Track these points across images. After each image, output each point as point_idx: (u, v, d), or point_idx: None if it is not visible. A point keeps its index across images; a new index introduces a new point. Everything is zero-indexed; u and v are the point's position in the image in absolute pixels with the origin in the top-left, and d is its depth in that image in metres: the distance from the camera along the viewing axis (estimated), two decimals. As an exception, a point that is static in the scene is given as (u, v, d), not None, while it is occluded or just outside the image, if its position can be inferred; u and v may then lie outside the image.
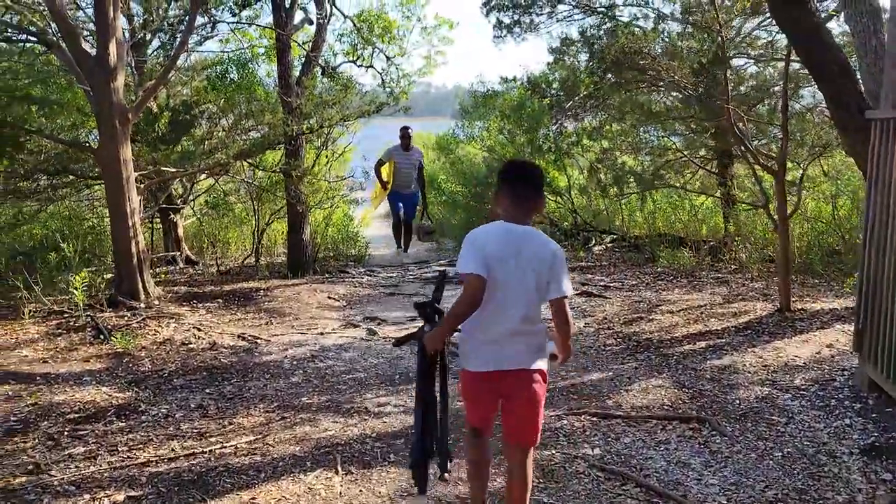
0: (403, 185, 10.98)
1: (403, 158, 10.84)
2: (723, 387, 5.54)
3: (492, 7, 13.71)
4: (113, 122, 8.36)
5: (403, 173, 10.89)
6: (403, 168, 10.87)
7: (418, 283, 10.68)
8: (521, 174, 3.38)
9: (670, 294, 9.10)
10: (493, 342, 3.26)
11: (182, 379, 6.10)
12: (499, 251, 3.18)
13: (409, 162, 10.89)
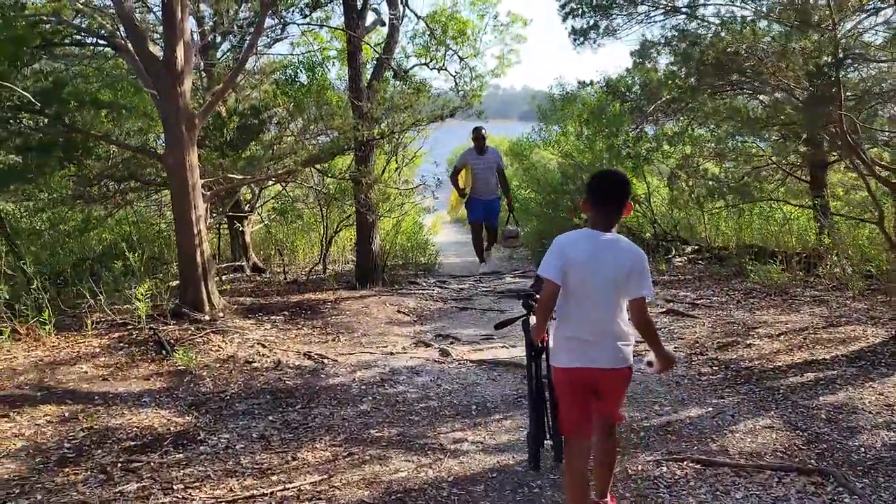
0: (482, 191, 10.30)
1: (479, 162, 10.19)
2: (842, 430, 4.90)
3: (569, 11, 13.17)
4: (179, 128, 8.09)
5: (481, 178, 10.22)
6: (480, 172, 10.21)
7: (492, 297, 10.19)
8: (606, 185, 3.55)
9: (764, 314, 8.41)
10: (577, 340, 3.49)
11: (244, 403, 5.72)
12: (581, 257, 3.43)
13: (485, 165, 10.20)
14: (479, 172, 10.23)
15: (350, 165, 10.73)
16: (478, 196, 10.34)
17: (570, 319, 3.51)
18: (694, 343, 7.28)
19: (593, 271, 3.41)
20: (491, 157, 10.31)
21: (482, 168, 10.23)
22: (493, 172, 10.29)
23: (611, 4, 12.77)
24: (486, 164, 10.24)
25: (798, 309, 8.61)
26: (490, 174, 10.27)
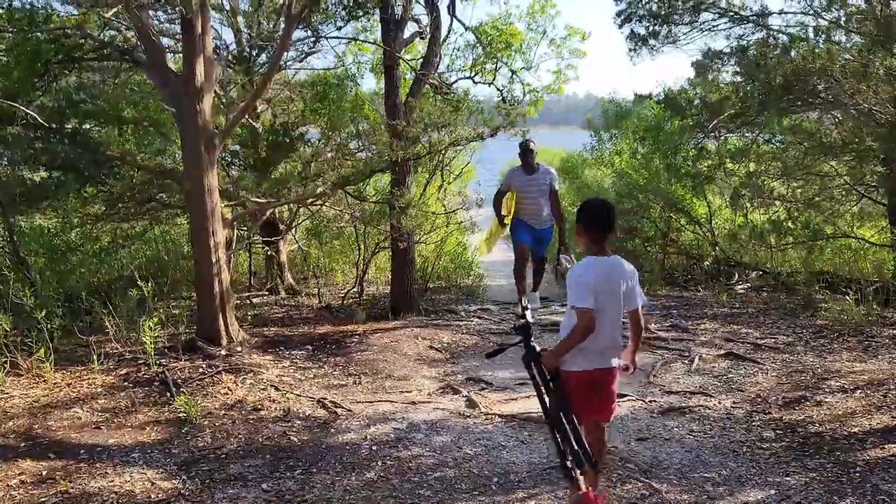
0: (531, 217, 9.15)
1: (527, 182, 9.00)
2: (935, 529, 4.07)
3: (626, 17, 12.39)
4: (198, 148, 7.57)
5: (528, 202, 9.04)
6: (529, 195, 9.02)
7: (536, 329, 9.40)
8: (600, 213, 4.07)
9: (837, 359, 7.51)
10: (594, 351, 4.03)
11: (240, 464, 5.11)
12: (599, 281, 3.93)
13: (535, 187, 8.98)
14: (528, 195, 9.05)
15: (386, 187, 10.11)
16: (526, 220, 9.24)
17: None
18: (756, 398, 6.44)
19: (610, 291, 3.98)
20: (543, 177, 9.04)
21: (531, 190, 9.03)
22: (545, 196, 9.07)
23: (671, 12, 11.95)
24: (537, 186, 9.03)
25: (876, 353, 7.70)
26: (542, 198, 9.07)
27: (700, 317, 9.94)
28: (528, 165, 9.04)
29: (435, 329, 9.10)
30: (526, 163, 9.04)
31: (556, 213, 9.29)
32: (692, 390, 6.73)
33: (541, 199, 9.11)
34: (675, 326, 9.34)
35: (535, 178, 9.04)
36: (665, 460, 5.07)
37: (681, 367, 7.53)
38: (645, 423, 5.86)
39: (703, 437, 5.58)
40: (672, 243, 13.96)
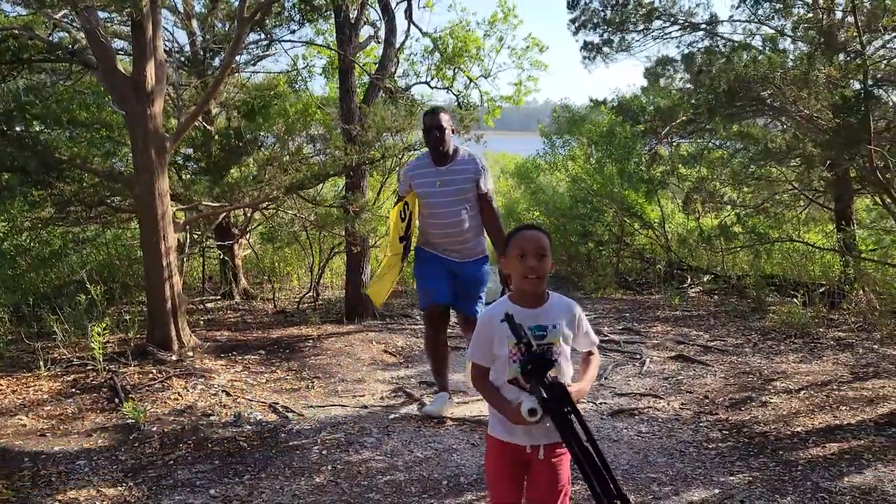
0: (447, 245, 5.75)
1: (437, 181, 5.66)
2: (871, 525, 4.17)
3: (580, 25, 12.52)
4: (148, 152, 7.49)
5: (440, 216, 5.66)
6: (440, 204, 5.65)
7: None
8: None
9: (783, 361, 7.68)
10: None
11: (189, 470, 5.06)
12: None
13: (450, 188, 5.62)
14: (439, 205, 5.63)
15: (340, 192, 10.10)
16: (436, 250, 5.79)
17: None
18: (703, 399, 6.55)
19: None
20: (463, 171, 5.65)
21: (445, 196, 5.62)
22: (469, 204, 5.65)
23: (625, 19, 12.10)
24: (455, 187, 5.61)
25: (821, 355, 7.88)
26: (463, 207, 5.63)
27: (652, 319, 10.08)
28: (437, 151, 5.66)
29: (389, 333, 9.11)
30: (435, 147, 5.64)
31: (494, 230, 5.79)
32: (642, 392, 6.82)
33: (462, 209, 5.62)
34: (627, 329, 9.47)
35: (449, 172, 5.63)
36: (613, 461, 5.13)
37: (632, 369, 7.63)
38: (595, 425, 5.92)
39: (651, 438, 5.65)
40: (626, 247, 14.13)
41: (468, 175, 5.68)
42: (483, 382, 3.04)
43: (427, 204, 5.73)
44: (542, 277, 2.98)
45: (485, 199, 5.76)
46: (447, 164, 5.70)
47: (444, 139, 5.65)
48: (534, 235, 3.04)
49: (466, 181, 5.66)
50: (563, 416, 2.62)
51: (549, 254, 3.01)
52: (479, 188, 5.70)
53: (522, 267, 2.96)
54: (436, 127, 5.65)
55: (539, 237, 3.02)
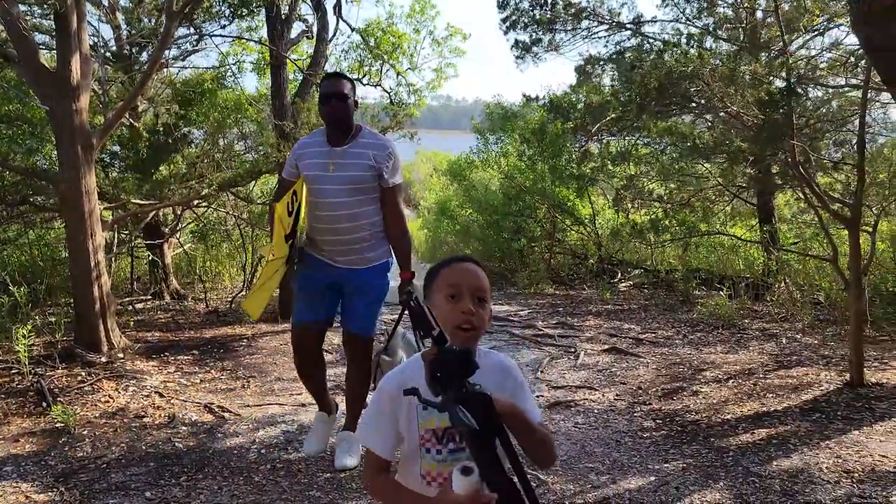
0: (333, 244, 4.57)
1: (328, 164, 4.46)
2: (799, 506, 4.33)
3: (511, 25, 12.62)
4: (74, 148, 7.28)
5: (328, 207, 4.48)
6: (329, 192, 4.46)
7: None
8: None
9: (712, 352, 7.90)
10: None
11: (122, 473, 4.95)
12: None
13: (345, 174, 4.44)
14: (328, 193, 4.45)
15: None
16: (321, 254, 4.63)
17: None
18: (637, 389, 6.70)
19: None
20: (362, 157, 4.43)
21: (336, 183, 4.43)
22: (366, 197, 4.49)
23: (553, 19, 12.25)
24: (352, 173, 4.43)
25: (747, 345, 8.13)
26: (358, 200, 4.46)
27: (585, 314, 10.25)
28: (334, 127, 4.51)
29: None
30: (332, 121, 4.49)
31: (395, 238, 4.62)
32: (577, 384, 6.93)
33: (357, 203, 4.45)
34: (561, 324, 9.60)
35: (346, 155, 4.43)
36: (551, 452, 5.20)
37: (567, 362, 7.75)
38: (532, 418, 5.99)
39: (587, 429, 5.75)
40: (558, 243, 14.33)
41: (369, 161, 4.38)
42: (384, 484, 2.10)
43: (314, 192, 4.47)
44: (479, 329, 2.12)
45: (389, 195, 4.51)
46: (345, 145, 4.43)
47: (345, 112, 4.43)
48: (470, 270, 2.18)
49: (366, 169, 4.38)
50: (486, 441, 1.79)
51: (490, 297, 2.21)
52: (381, 179, 4.43)
53: (454, 313, 2.09)
54: (335, 94, 4.40)
55: (478, 273, 2.19)
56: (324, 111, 4.50)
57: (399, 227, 4.60)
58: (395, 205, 4.60)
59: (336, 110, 4.44)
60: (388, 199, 4.56)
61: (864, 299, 6.34)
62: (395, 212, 4.60)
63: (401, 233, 4.60)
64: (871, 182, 7.94)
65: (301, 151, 4.61)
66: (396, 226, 4.60)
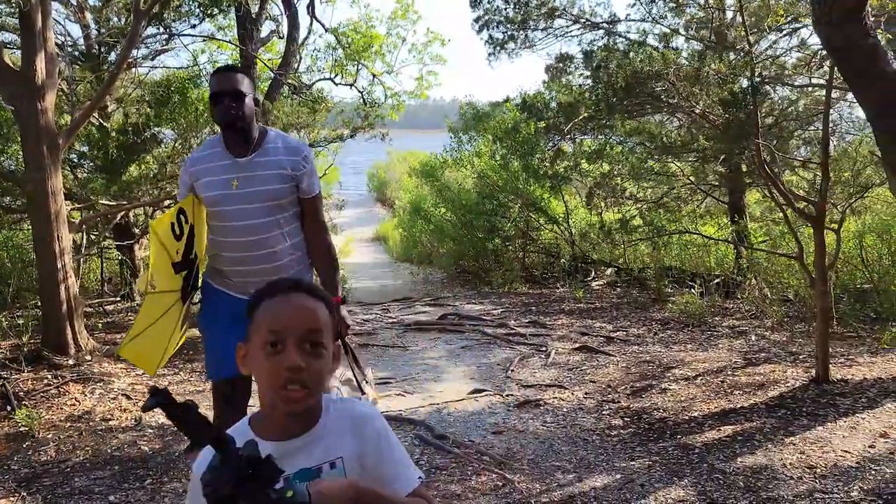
0: (247, 273, 3.67)
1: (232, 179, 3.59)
2: (761, 502, 4.36)
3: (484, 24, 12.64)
4: (40, 149, 7.22)
5: (238, 230, 3.61)
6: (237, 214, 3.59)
7: (397, 331, 9.47)
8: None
9: (682, 350, 7.95)
10: None
11: (86, 477, 4.91)
12: None
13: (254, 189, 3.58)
14: (236, 215, 3.60)
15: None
16: (230, 287, 3.74)
17: None
18: (606, 387, 6.73)
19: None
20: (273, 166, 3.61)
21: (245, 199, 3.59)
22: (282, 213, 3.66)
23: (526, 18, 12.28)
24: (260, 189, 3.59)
25: (716, 343, 8.19)
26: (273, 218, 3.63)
27: (557, 312, 10.28)
28: (233, 132, 3.63)
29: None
30: (229, 125, 3.59)
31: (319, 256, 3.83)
32: (548, 383, 6.95)
33: (273, 222, 3.66)
34: (533, 322, 9.63)
35: (253, 166, 3.62)
36: (519, 451, 5.22)
37: (538, 361, 7.77)
38: (501, 417, 6.01)
39: (556, 427, 5.77)
40: (532, 242, 14.37)
41: (282, 171, 3.57)
42: None
43: (218, 216, 3.59)
44: (314, 388, 1.60)
45: (309, 207, 3.72)
46: (249, 155, 3.57)
47: (243, 113, 3.52)
48: (298, 306, 1.64)
49: (280, 180, 3.56)
50: None
51: (331, 335, 1.66)
52: (300, 190, 3.65)
53: (273, 365, 1.57)
54: (229, 93, 3.48)
55: (307, 308, 1.65)
56: (217, 114, 3.57)
57: (323, 244, 3.79)
58: (318, 218, 3.80)
59: (233, 115, 3.50)
60: (310, 212, 3.74)
61: (829, 296, 6.41)
62: (318, 226, 3.80)
63: (325, 250, 3.78)
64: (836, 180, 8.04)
65: (195, 168, 3.63)
66: (320, 242, 3.78)
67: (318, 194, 3.78)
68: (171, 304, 3.68)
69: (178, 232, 3.59)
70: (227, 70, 3.75)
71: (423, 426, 5.70)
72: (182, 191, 3.71)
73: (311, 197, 3.72)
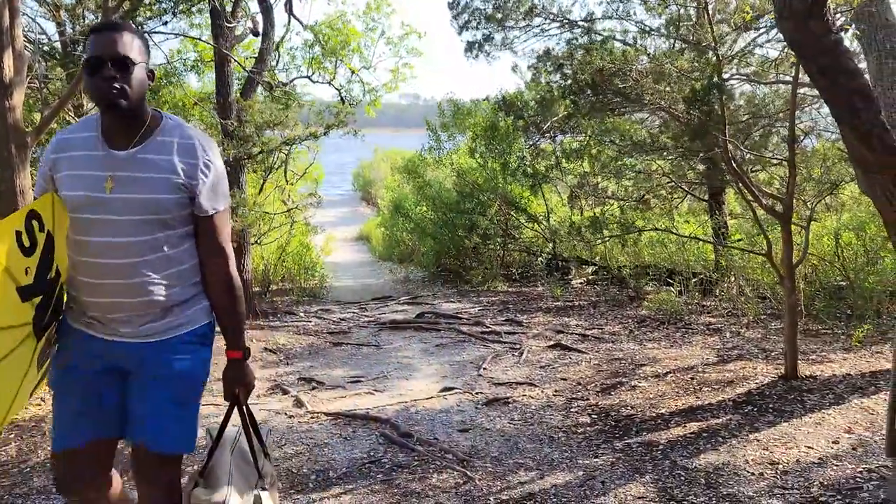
0: (109, 305, 2.62)
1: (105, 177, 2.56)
2: (721, 498, 4.35)
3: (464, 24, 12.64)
4: (8, 147, 7.13)
5: (104, 249, 2.57)
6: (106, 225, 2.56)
7: (371, 329, 9.43)
8: None
9: (656, 347, 7.96)
10: None
11: (45, 477, 4.86)
12: None
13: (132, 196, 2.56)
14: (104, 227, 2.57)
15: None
16: (94, 324, 2.68)
17: None
18: (576, 385, 6.73)
19: None
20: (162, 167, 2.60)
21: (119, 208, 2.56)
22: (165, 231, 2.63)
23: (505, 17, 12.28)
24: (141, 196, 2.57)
25: (691, 340, 8.20)
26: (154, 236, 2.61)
27: (534, 310, 10.28)
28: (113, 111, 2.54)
29: (271, 331, 8.99)
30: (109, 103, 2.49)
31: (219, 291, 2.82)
32: (518, 381, 6.94)
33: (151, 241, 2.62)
34: (509, 321, 9.62)
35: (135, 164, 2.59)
36: (483, 449, 5.20)
37: (511, 359, 7.76)
38: (469, 415, 6.00)
39: (522, 425, 5.76)
40: (512, 240, 14.36)
41: (173, 176, 2.62)
42: None
43: (76, 224, 2.63)
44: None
45: (207, 227, 2.75)
46: (133, 147, 2.62)
47: (129, 89, 2.53)
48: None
49: (167, 188, 2.61)
50: None
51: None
52: (195, 204, 2.69)
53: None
54: (111, 58, 2.51)
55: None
56: (91, 88, 2.56)
57: (222, 277, 2.77)
58: (218, 243, 2.75)
59: (114, 88, 2.51)
60: (207, 233, 2.73)
61: (796, 293, 6.42)
62: (218, 252, 2.75)
63: (225, 285, 2.78)
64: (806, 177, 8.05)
65: (58, 156, 2.66)
66: (218, 274, 2.76)
67: (221, 212, 2.73)
68: (17, 343, 2.51)
69: (28, 244, 2.49)
70: (110, 29, 2.58)
71: (389, 424, 5.67)
72: (39, 185, 2.70)
73: (210, 215, 2.69)
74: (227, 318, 2.83)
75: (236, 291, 2.81)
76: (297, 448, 5.31)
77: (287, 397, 6.53)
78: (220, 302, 2.79)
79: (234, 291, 2.80)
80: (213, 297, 2.80)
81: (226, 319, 2.83)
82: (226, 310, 2.81)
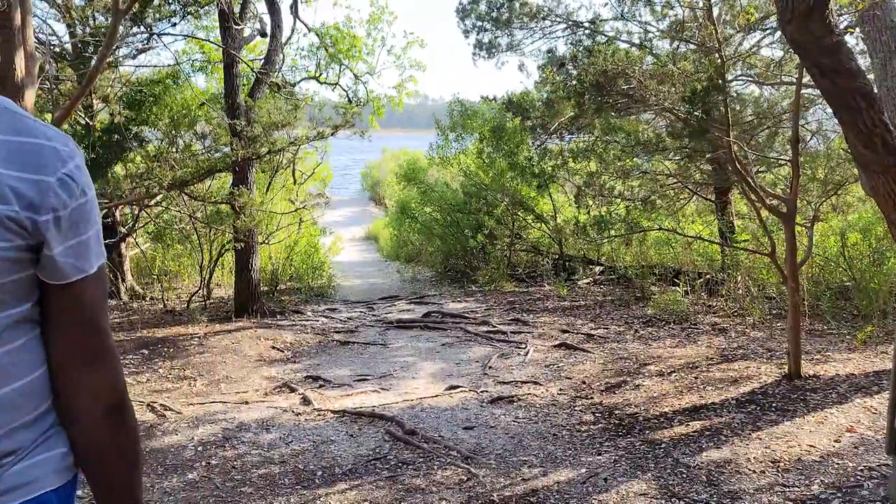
0: None
1: None
2: (722, 496, 4.40)
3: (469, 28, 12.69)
4: (19, 148, 7.24)
5: None
6: None
7: (378, 329, 9.49)
8: None
9: (661, 346, 7.99)
10: None
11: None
12: None
13: None
14: None
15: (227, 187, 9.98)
16: None
17: None
18: (581, 384, 6.77)
19: None
20: None
21: None
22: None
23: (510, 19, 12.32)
24: None
25: (696, 339, 8.23)
26: None
27: (541, 310, 10.32)
28: None
29: (279, 329, 9.06)
30: None
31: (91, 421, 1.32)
32: (523, 380, 6.99)
33: None
34: (515, 320, 9.67)
35: None
36: (487, 447, 5.26)
37: (516, 358, 7.81)
38: (474, 413, 6.05)
39: (527, 423, 5.81)
40: (519, 240, 14.40)
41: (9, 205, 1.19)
42: None
43: None
44: None
45: (65, 302, 1.31)
46: None
47: None
48: None
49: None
50: None
51: None
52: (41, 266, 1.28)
53: None
54: None
55: None
56: None
57: (104, 403, 1.37)
58: (92, 335, 1.36)
59: None
60: (70, 317, 1.33)
61: (800, 292, 6.45)
62: (91, 356, 1.36)
63: (109, 421, 1.38)
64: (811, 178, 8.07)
65: None
66: (97, 398, 1.36)
67: (91, 276, 1.34)
68: None
69: None
70: None
71: (394, 422, 5.73)
72: None
73: (72, 282, 1.31)
74: (106, 482, 1.41)
75: (127, 432, 1.42)
76: (304, 445, 5.37)
77: (294, 395, 6.60)
78: (95, 450, 1.38)
79: (122, 432, 1.40)
80: (80, 441, 1.37)
81: (104, 485, 1.41)
82: (106, 466, 1.40)
